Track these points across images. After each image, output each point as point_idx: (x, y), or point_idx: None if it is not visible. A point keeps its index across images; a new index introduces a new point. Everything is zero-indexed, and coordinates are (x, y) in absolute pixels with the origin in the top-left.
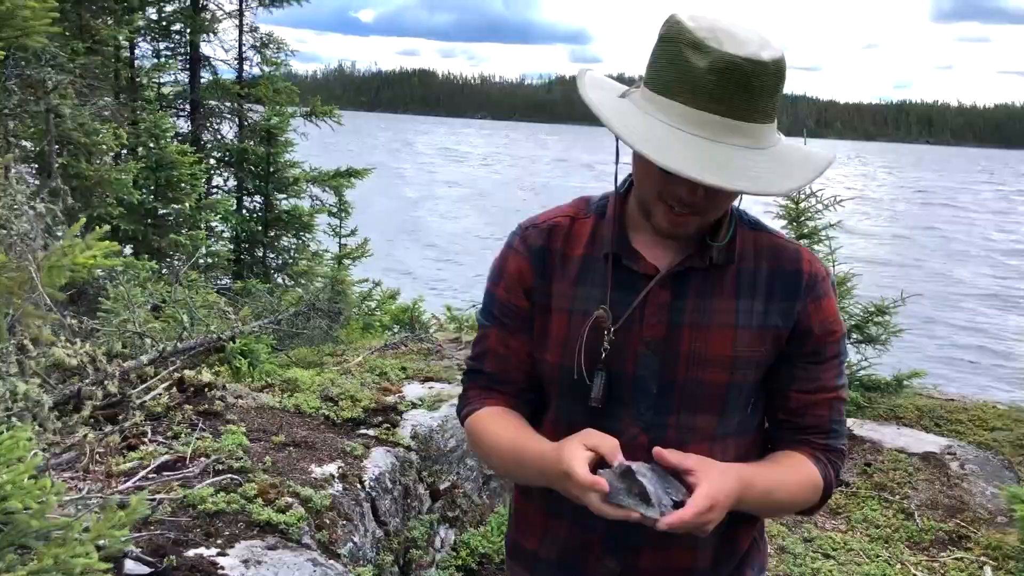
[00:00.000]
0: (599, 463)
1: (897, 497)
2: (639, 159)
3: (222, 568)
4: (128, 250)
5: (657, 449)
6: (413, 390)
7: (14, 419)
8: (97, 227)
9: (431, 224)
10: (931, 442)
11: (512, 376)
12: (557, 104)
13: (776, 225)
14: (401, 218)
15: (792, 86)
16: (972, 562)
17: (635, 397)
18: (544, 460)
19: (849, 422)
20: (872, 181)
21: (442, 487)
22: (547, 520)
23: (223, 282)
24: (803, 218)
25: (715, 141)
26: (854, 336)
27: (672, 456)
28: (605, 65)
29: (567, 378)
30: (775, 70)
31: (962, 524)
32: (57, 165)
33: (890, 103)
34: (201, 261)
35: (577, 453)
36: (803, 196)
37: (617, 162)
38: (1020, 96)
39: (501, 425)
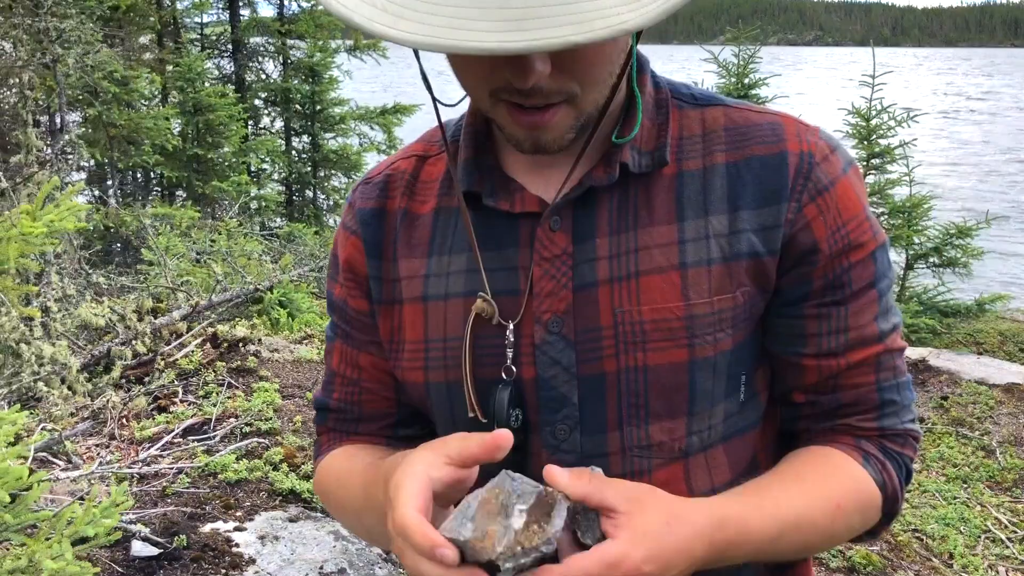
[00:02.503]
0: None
1: (976, 433)
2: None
3: (236, 545)
4: (180, 196)
5: (549, 469)
6: None
7: (41, 384)
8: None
9: None
10: (1015, 372)
11: (370, 408)
12: None
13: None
14: None
15: None
16: None
17: (545, 413)
18: (375, 491)
19: (923, 352)
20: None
21: None
22: None
23: (277, 223)
24: (874, 136)
25: None
26: (931, 260)
27: (576, 484)
28: None
29: (442, 402)
30: None
31: None
32: (77, 117)
33: (972, 5)
34: (253, 205)
35: (413, 471)
36: (874, 112)
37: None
38: None
39: (354, 465)
